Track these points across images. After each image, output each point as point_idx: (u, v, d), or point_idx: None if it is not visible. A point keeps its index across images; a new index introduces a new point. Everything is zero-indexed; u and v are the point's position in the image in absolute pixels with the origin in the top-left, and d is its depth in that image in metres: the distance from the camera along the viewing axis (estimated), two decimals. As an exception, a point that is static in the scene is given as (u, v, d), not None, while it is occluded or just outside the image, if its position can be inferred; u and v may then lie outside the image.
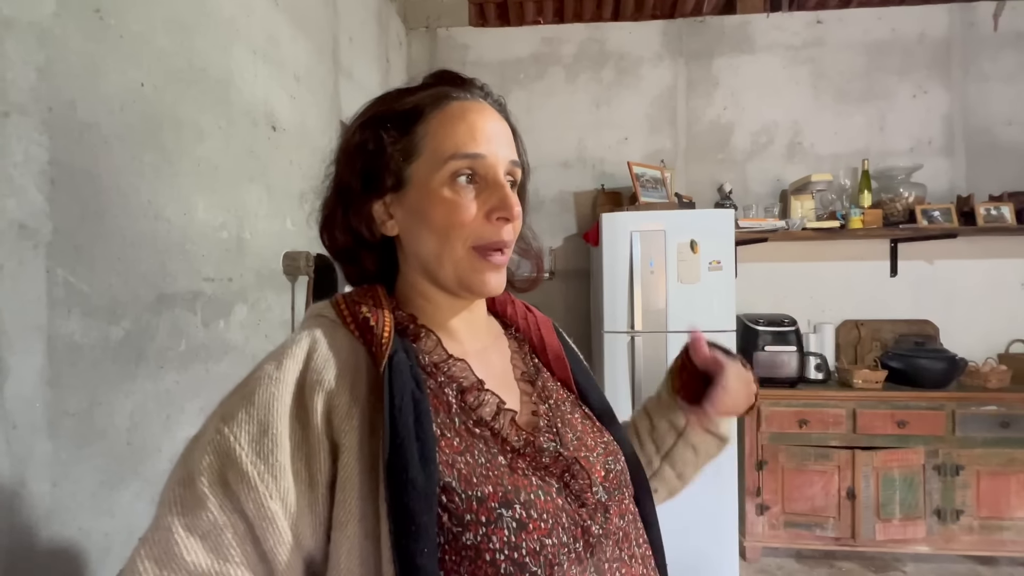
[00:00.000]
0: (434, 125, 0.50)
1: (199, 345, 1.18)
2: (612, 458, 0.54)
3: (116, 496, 0.95)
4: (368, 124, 0.52)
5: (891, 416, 2.27)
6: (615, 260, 2.22)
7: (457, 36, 2.92)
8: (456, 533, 0.42)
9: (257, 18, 1.44)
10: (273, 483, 0.42)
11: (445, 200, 0.49)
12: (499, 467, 0.46)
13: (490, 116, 0.52)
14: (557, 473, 0.49)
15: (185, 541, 0.40)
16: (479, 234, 0.50)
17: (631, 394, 2.20)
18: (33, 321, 0.80)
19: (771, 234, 2.48)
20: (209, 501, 0.41)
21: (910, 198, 2.50)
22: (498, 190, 0.50)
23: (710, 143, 2.80)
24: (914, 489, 2.26)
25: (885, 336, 2.65)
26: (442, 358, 0.51)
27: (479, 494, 0.44)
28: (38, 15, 0.82)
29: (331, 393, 0.45)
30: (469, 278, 0.51)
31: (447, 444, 0.46)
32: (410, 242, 0.53)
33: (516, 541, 0.43)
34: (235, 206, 1.32)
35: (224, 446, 0.43)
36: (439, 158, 0.49)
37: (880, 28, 2.70)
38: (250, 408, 0.44)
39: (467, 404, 0.49)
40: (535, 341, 0.61)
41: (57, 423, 0.84)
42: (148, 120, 1.04)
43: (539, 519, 0.44)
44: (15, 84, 0.78)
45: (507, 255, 0.52)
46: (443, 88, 0.52)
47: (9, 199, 0.77)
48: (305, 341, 0.48)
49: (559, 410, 0.55)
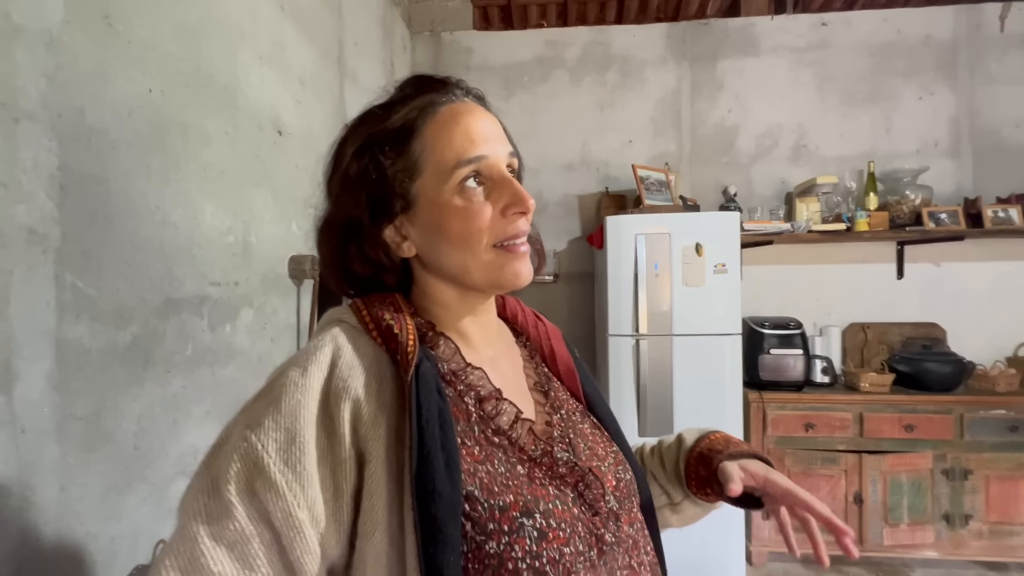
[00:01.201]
0: (430, 137, 0.49)
1: (206, 349, 1.19)
2: (622, 467, 0.54)
3: (123, 500, 0.96)
4: (363, 150, 0.50)
5: (899, 420, 2.26)
6: (619, 263, 2.21)
7: (461, 40, 2.93)
8: (479, 542, 0.42)
9: (263, 24, 1.45)
10: (301, 492, 0.41)
11: (458, 209, 0.48)
12: (518, 477, 0.46)
13: (480, 114, 0.51)
14: (572, 483, 0.49)
15: (211, 552, 0.40)
16: (499, 232, 0.49)
17: (636, 398, 2.19)
18: (42, 326, 0.81)
19: (776, 237, 2.47)
20: (236, 510, 0.40)
21: (916, 200, 2.48)
22: (508, 186, 0.49)
23: (715, 146, 2.80)
24: (922, 494, 2.23)
25: (892, 339, 2.63)
26: (460, 366, 0.51)
27: (501, 503, 0.44)
28: (48, 22, 0.83)
29: (357, 401, 0.44)
30: (500, 276, 0.50)
31: (468, 453, 0.46)
32: (431, 257, 0.52)
33: (537, 550, 0.43)
34: (241, 210, 1.33)
35: (251, 454, 0.42)
36: (444, 169, 0.49)
37: (885, 30, 2.69)
38: (277, 416, 0.43)
39: (486, 413, 0.49)
40: (545, 350, 0.61)
41: (65, 427, 0.84)
42: (155, 125, 1.05)
43: (558, 528, 0.45)
44: (25, 91, 0.79)
45: (528, 244, 0.52)
46: (427, 96, 0.51)
47: (19, 205, 0.78)
48: (329, 347, 0.47)
49: (571, 420, 0.55)
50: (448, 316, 0.54)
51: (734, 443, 0.61)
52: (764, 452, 2.24)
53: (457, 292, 0.53)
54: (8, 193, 0.76)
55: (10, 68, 0.77)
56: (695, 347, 2.18)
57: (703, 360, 2.18)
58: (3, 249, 0.75)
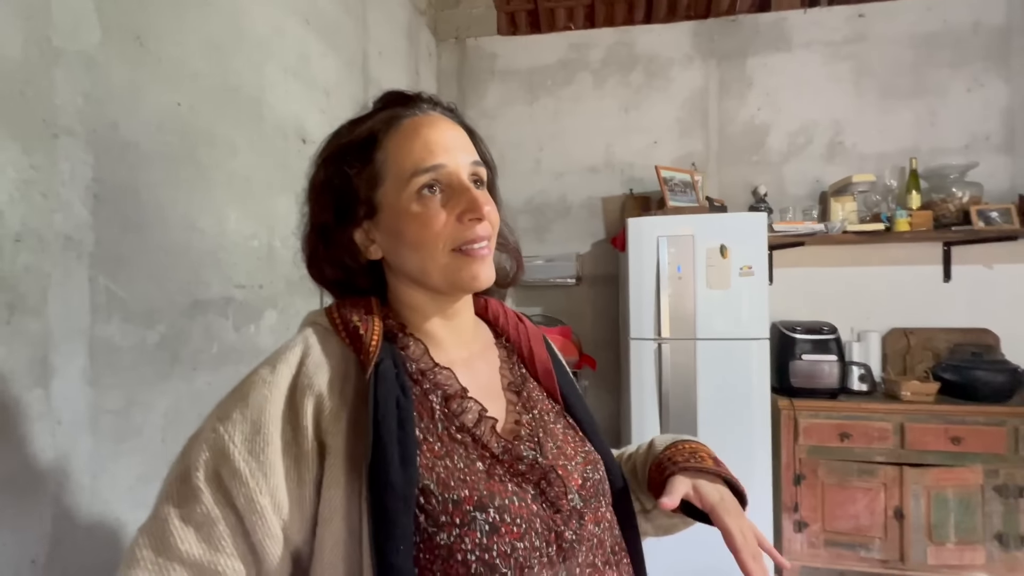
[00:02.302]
0: (391, 148, 0.52)
1: (230, 348, 1.25)
2: (591, 467, 0.54)
3: (151, 490, 1.00)
4: (329, 160, 0.54)
5: (944, 431, 2.12)
6: (641, 265, 2.18)
7: (485, 45, 2.97)
8: (431, 533, 0.44)
9: (289, 37, 1.51)
10: (263, 480, 0.44)
11: (415, 215, 0.51)
12: (476, 472, 0.48)
13: (442, 126, 0.53)
14: (534, 480, 0.50)
15: (180, 531, 0.43)
16: (455, 237, 0.51)
17: (658, 402, 2.15)
18: (77, 325, 0.87)
19: (809, 238, 2.38)
20: (203, 495, 0.44)
21: (964, 198, 2.33)
22: (464, 193, 0.51)
23: (744, 145, 2.72)
24: (971, 511, 2.09)
25: (938, 345, 2.48)
26: (428, 366, 0.53)
27: (455, 497, 0.45)
28: (85, 44, 0.89)
29: (321, 397, 0.47)
30: (457, 278, 0.52)
31: (428, 448, 0.48)
32: (394, 260, 0.55)
33: (487, 543, 0.44)
34: (266, 216, 1.39)
35: (219, 444, 0.45)
36: (402, 178, 0.51)
37: (930, 19, 2.54)
38: (244, 409, 0.47)
39: (450, 411, 0.51)
40: (524, 351, 0.62)
41: (97, 420, 0.91)
42: (185, 138, 1.11)
43: (512, 523, 0.46)
44: (64, 109, 0.86)
45: (490, 248, 0.53)
46: (392, 110, 0.54)
47: (57, 213, 0.84)
48: (299, 347, 0.51)
49: (542, 420, 0.56)
50: (417, 318, 0.56)
51: (700, 456, 0.58)
52: (795, 462, 2.18)
53: (425, 295, 0.55)
54: (47, 203, 0.83)
55: (50, 88, 0.84)
56: (720, 351, 2.12)
57: (729, 365, 2.11)
58: (42, 254, 0.82)
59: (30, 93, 0.80)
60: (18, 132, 0.79)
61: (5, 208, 0.77)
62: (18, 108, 0.79)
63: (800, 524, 2.20)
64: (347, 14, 1.89)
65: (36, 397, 0.81)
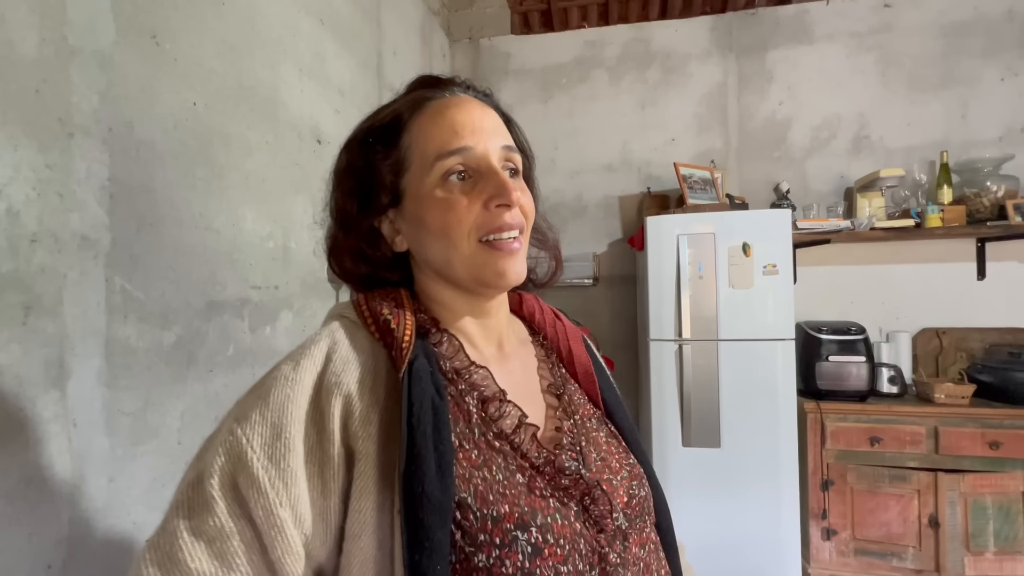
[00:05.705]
0: (416, 131, 0.49)
1: (246, 350, 1.24)
2: (637, 483, 0.50)
3: (167, 492, 1.01)
4: (353, 145, 0.51)
5: (981, 436, 2.03)
6: (661, 265, 2.13)
7: (499, 45, 2.95)
8: (468, 553, 0.40)
9: (304, 37, 1.50)
10: (284, 490, 0.40)
11: (438, 201, 0.47)
12: (516, 485, 0.43)
13: (472, 107, 0.50)
14: (577, 496, 0.45)
15: (190, 547, 0.39)
16: (481, 225, 0.47)
17: (679, 406, 2.10)
18: (93, 326, 0.86)
19: (834, 235, 2.30)
20: (217, 505, 0.40)
21: (999, 192, 2.23)
22: (492, 177, 0.47)
23: (765, 141, 2.65)
24: (1012, 520, 1.99)
25: (972, 346, 2.38)
26: (464, 364, 0.49)
27: (495, 513, 0.41)
28: (100, 43, 0.89)
29: (349, 397, 0.43)
30: (482, 272, 0.48)
31: (465, 456, 0.43)
32: (419, 251, 0.51)
33: (530, 567, 0.40)
34: (281, 217, 1.38)
35: (236, 448, 0.41)
36: (426, 162, 0.48)
37: (960, 7, 2.45)
38: (264, 409, 0.42)
39: (488, 415, 0.47)
40: (563, 351, 0.57)
41: (114, 421, 0.90)
42: (200, 137, 1.10)
43: (555, 544, 0.41)
44: (79, 108, 0.85)
45: (522, 241, 0.49)
46: (419, 92, 0.51)
47: (73, 213, 0.84)
48: (325, 342, 0.47)
49: (584, 427, 0.52)
50: (448, 315, 0.52)
51: None
52: (823, 466, 2.10)
53: (454, 292, 0.51)
54: (63, 202, 0.82)
55: (66, 87, 0.83)
56: (743, 353, 2.06)
57: (752, 367, 2.05)
58: (58, 254, 0.81)
59: (46, 92, 0.80)
60: (34, 131, 0.78)
61: (21, 208, 0.76)
62: (34, 107, 0.78)
63: (828, 531, 2.12)
64: (361, 14, 1.88)
65: (52, 398, 0.80)
